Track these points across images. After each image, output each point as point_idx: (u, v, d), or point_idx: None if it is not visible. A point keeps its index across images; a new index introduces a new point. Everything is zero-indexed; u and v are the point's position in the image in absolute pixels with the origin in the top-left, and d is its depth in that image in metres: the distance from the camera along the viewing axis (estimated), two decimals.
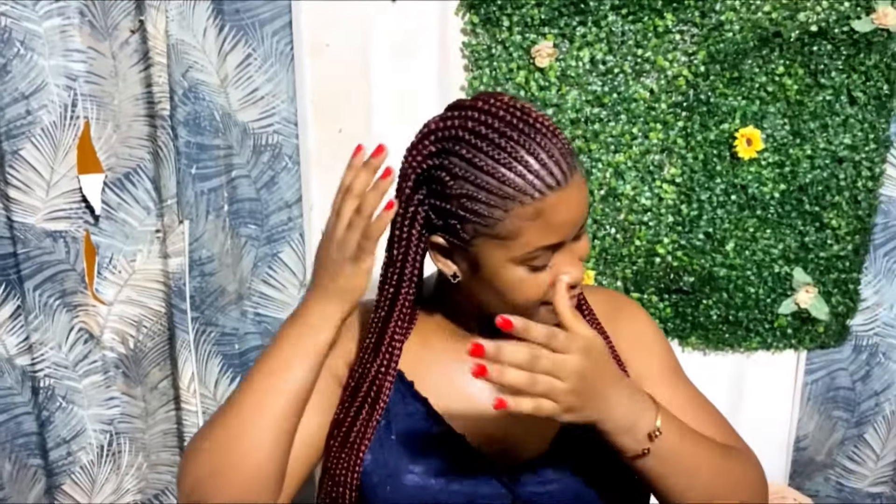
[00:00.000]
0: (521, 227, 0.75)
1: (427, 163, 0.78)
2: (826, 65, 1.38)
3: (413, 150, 0.80)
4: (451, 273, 0.82)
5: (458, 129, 0.77)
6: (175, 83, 1.30)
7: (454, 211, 0.76)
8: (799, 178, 1.42)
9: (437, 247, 0.81)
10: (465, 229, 0.77)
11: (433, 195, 0.78)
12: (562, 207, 0.75)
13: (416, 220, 0.80)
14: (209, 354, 1.44)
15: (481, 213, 0.75)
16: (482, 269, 0.79)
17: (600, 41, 1.35)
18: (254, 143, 1.38)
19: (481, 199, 0.75)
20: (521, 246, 0.76)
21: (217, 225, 1.38)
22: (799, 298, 1.48)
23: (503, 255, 0.77)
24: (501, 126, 0.75)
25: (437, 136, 0.78)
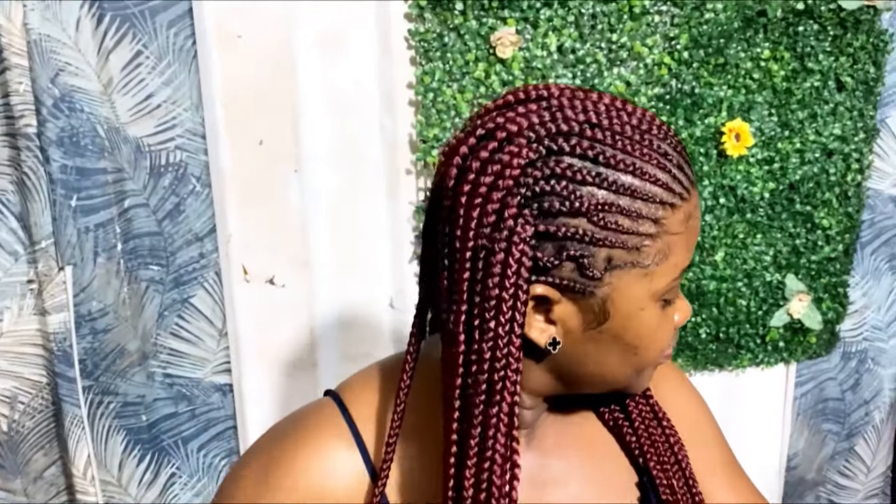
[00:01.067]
0: (671, 242, 0.53)
1: (531, 173, 0.51)
2: (813, 47, 1.23)
3: (493, 164, 0.52)
4: (549, 340, 0.55)
5: (562, 122, 0.52)
6: (41, 91, 1.02)
7: (584, 234, 0.51)
8: (789, 175, 1.27)
9: (536, 301, 0.54)
10: (595, 261, 0.52)
11: (545, 219, 0.51)
12: (698, 213, 0.55)
13: (521, 266, 0.51)
14: (109, 430, 1.16)
15: (625, 229, 0.51)
16: (612, 319, 0.54)
17: (569, 25, 1.15)
18: (151, 164, 1.10)
19: (625, 209, 0.51)
20: (670, 270, 0.54)
21: (109, 269, 1.10)
22: (792, 308, 1.33)
23: (646, 291, 0.54)
24: (617, 112, 0.53)
25: (531, 136, 0.52)
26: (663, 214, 0.52)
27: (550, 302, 0.53)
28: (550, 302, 0.53)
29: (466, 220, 0.52)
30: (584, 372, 0.57)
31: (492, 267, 0.51)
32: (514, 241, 0.51)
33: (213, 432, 1.22)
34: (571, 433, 0.66)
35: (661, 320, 0.55)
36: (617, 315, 0.54)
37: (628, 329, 0.54)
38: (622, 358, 0.56)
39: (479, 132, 0.53)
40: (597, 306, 0.53)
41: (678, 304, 0.58)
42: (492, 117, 0.54)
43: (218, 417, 1.21)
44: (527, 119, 0.52)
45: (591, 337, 0.55)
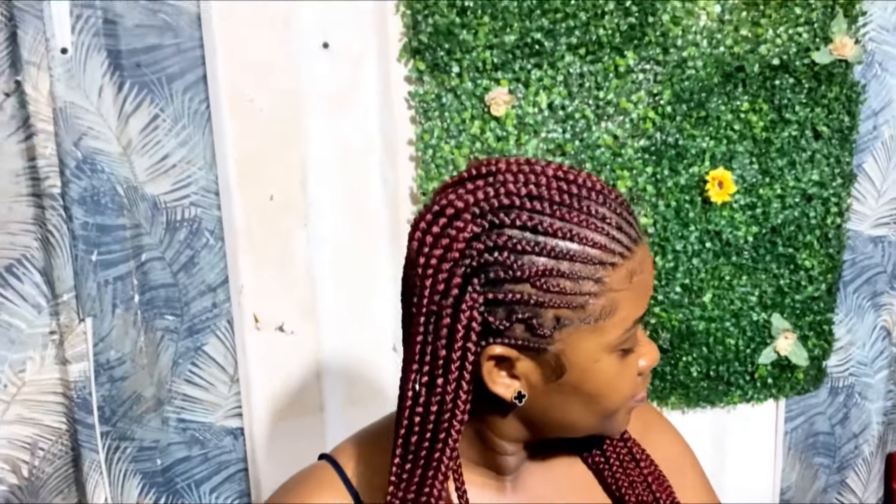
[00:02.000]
0: (616, 298, 0.57)
1: (475, 246, 0.56)
2: (790, 99, 1.31)
3: (442, 238, 0.57)
4: (514, 394, 0.60)
5: (504, 197, 0.57)
6: (66, 154, 1.08)
7: (528, 299, 0.56)
8: (771, 219, 1.34)
9: (496, 360, 0.59)
10: (543, 322, 0.57)
11: (492, 287, 0.56)
12: (647, 263, 0.60)
13: (471, 331, 0.57)
14: (125, 474, 1.20)
15: (568, 290, 0.56)
16: (569, 372, 0.59)
17: (558, 84, 1.22)
18: (167, 219, 1.16)
19: (565, 273, 0.56)
20: (619, 324, 0.58)
21: (127, 320, 1.16)
22: (779, 346, 1.39)
23: (597, 344, 0.58)
24: (556, 183, 0.58)
25: (475, 211, 0.57)
26: (604, 274, 0.56)
27: (510, 360, 0.59)
28: (510, 360, 0.59)
29: (421, 289, 0.58)
30: (553, 420, 0.62)
31: (440, 330, 0.57)
32: (461, 309, 0.56)
33: (224, 475, 1.26)
34: (556, 478, 0.70)
35: (620, 369, 0.60)
36: (573, 369, 0.58)
37: (586, 380, 0.59)
38: (585, 407, 0.61)
39: (434, 209, 0.59)
40: (553, 361, 0.58)
41: (642, 350, 0.62)
42: (445, 194, 0.59)
43: (229, 460, 1.26)
44: (473, 195, 0.58)
45: (553, 389, 0.60)
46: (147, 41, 1.11)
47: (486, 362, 0.59)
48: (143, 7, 1.09)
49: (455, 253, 0.56)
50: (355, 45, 1.17)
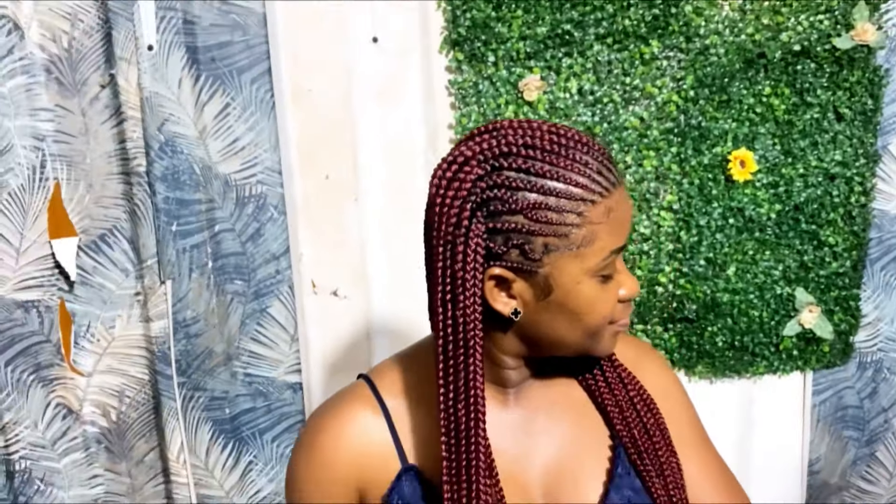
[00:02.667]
0: (595, 230, 0.69)
1: (480, 185, 0.69)
2: (811, 83, 1.38)
3: (454, 181, 0.70)
4: (512, 310, 0.72)
5: (504, 146, 0.69)
6: (150, 137, 1.24)
7: (521, 226, 0.68)
8: (794, 198, 1.41)
9: (497, 281, 0.71)
10: (533, 246, 0.69)
11: (492, 218, 0.69)
12: (623, 205, 0.71)
13: (477, 254, 0.69)
14: (198, 421, 1.35)
15: (553, 220, 0.68)
16: (555, 292, 0.71)
17: (587, 71, 1.33)
18: (237, 195, 1.32)
19: (552, 206, 0.68)
20: (597, 252, 0.70)
21: (201, 283, 1.31)
22: (803, 319, 1.45)
23: (579, 268, 0.70)
24: (548, 136, 0.70)
25: (480, 158, 0.70)
26: (584, 209, 0.68)
27: (508, 281, 0.71)
28: (508, 281, 0.71)
29: (438, 225, 0.70)
30: (544, 335, 0.74)
31: (456, 255, 0.69)
32: (469, 236, 0.69)
33: (284, 425, 1.41)
34: (554, 395, 0.82)
35: (599, 292, 0.72)
36: (558, 289, 0.71)
37: (570, 300, 0.71)
38: (570, 323, 0.73)
39: (448, 158, 0.72)
40: (542, 282, 0.71)
41: (623, 281, 0.74)
42: (457, 146, 0.72)
43: (289, 412, 1.40)
44: (479, 146, 0.70)
45: (543, 307, 0.72)
46: (220, 38, 1.27)
47: (488, 282, 0.71)
48: (216, 8, 1.25)
49: (463, 192, 0.69)
50: (401, 39, 1.30)
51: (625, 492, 0.77)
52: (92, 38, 1.23)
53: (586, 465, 0.79)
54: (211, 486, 1.37)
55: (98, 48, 1.23)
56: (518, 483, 0.78)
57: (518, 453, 0.79)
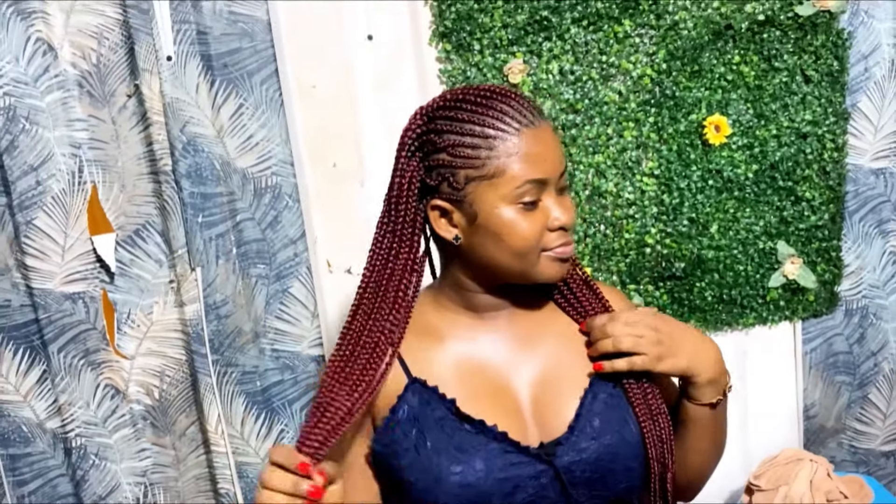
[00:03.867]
0: (505, 162, 0.84)
1: (417, 132, 0.88)
2: (778, 49, 1.48)
3: (405, 131, 0.89)
4: (454, 236, 0.88)
5: (440, 101, 0.88)
6: (174, 139, 1.38)
7: (446, 161, 0.84)
8: (769, 157, 1.51)
9: (437, 210, 0.88)
10: (457, 178, 0.85)
11: (425, 157, 0.87)
12: (538, 143, 0.85)
13: (412, 184, 0.87)
14: (233, 395, 1.49)
15: (469, 155, 0.83)
16: (479, 217, 0.85)
17: (566, 53, 1.44)
18: (254, 187, 1.45)
19: (467, 144, 0.84)
20: (509, 181, 0.84)
21: (227, 268, 1.45)
22: (786, 270, 1.55)
23: (495, 196, 0.84)
24: (476, 90, 0.87)
25: (422, 112, 0.89)
26: (494, 144, 0.83)
27: (448, 212, 0.88)
28: (448, 212, 0.88)
29: (393, 167, 0.90)
30: (481, 258, 0.89)
31: (401, 189, 0.88)
32: (407, 170, 0.88)
33: (311, 395, 1.54)
34: (537, 322, 0.96)
35: (519, 218, 0.85)
36: (481, 213, 0.85)
37: (490, 223, 0.86)
38: (496, 245, 0.86)
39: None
40: (468, 209, 0.86)
41: (549, 210, 0.87)
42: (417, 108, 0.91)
43: (315, 383, 1.53)
44: (428, 105, 0.89)
45: (474, 231, 0.87)
46: (231, 46, 1.40)
47: (432, 212, 0.88)
48: (225, 19, 1.39)
49: (407, 139, 0.89)
50: (393, 35, 1.43)
51: (600, 395, 0.89)
52: (117, 53, 1.37)
53: (567, 377, 0.92)
54: (248, 454, 1.51)
55: (123, 62, 1.37)
56: (504, 391, 0.91)
57: (500, 368, 0.92)
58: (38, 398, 1.44)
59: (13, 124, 1.34)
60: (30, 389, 1.44)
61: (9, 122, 1.34)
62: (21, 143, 1.35)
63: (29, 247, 1.38)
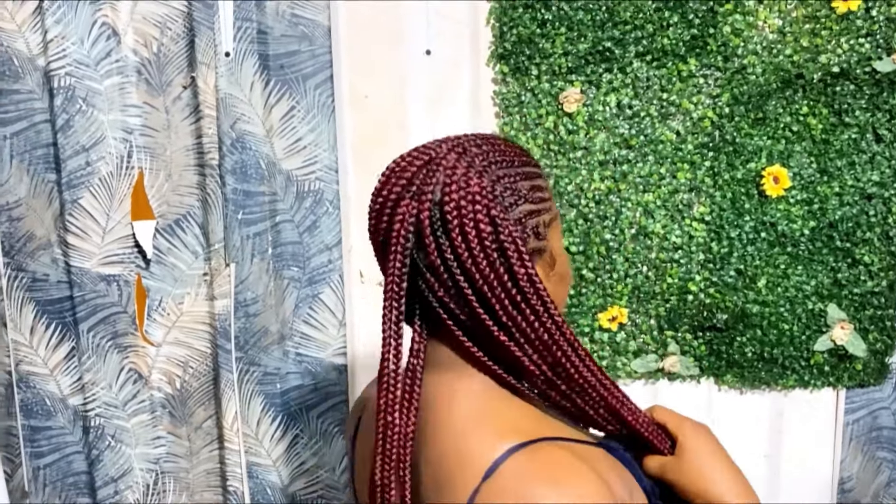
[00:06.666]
0: (551, 203, 0.79)
1: (489, 191, 0.71)
2: (850, 104, 1.42)
3: (469, 195, 0.70)
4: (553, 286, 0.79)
5: (485, 155, 0.74)
6: (224, 134, 1.39)
7: (532, 211, 0.74)
8: (828, 215, 1.44)
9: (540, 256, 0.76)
10: (539, 225, 0.75)
11: (510, 211, 0.72)
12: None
13: (524, 247, 0.72)
14: (252, 394, 1.48)
15: (544, 198, 0.76)
16: (557, 262, 0.78)
17: (626, 87, 1.40)
18: (297, 190, 1.45)
19: (539, 186, 0.76)
20: (558, 220, 0.79)
21: (261, 267, 1.45)
22: (834, 335, 1.48)
23: (559, 234, 0.79)
24: (488, 139, 0.77)
25: (474, 170, 0.72)
26: (545, 185, 0.77)
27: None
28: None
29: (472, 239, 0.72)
30: (558, 300, 0.79)
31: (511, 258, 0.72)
32: (512, 235, 0.72)
33: (329, 403, 1.52)
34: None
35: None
36: (557, 258, 0.78)
37: (562, 266, 0.79)
38: (563, 290, 0.81)
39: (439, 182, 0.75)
40: (549, 257, 0.77)
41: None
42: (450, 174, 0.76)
43: (334, 392, 1.52)
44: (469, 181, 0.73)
45: (554, 280, 0.78)
46: (289, 48, 1.40)
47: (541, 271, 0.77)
48: (287, 21, 1.39)
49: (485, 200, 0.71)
50: (452, 52, 1.41)
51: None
52: (178, 44, 1.38)
53: None
54: (259, 455, 1.50)
55: (182, 53, 1.39)
56: None
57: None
58: (64, 374, 1.46)
59: (71, 104, 1.37)
60: (57, 364, 1.46)
61: (67, 101, 1.36)
62: (76, 123, 1.38)
63: (72, 225, 1.40)
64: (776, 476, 1.57)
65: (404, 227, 0.71)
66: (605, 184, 1.43)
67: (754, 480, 1.57)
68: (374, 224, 0.77)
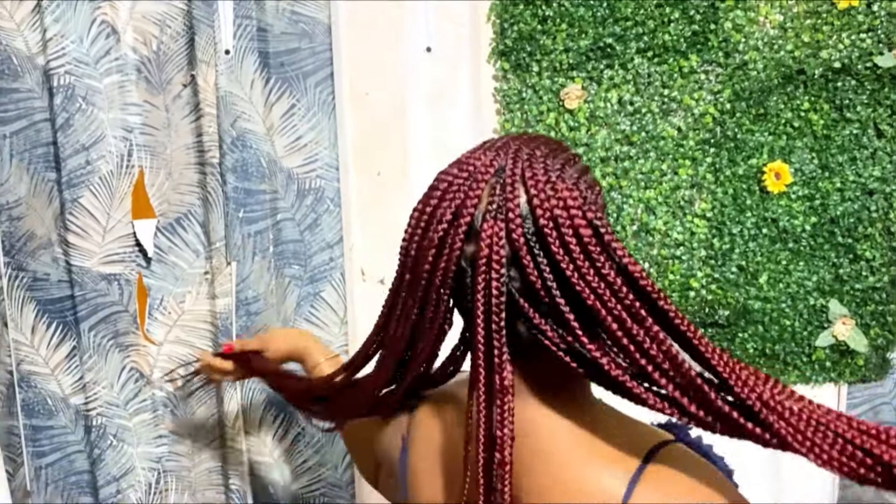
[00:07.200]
0: None
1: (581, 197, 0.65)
2: (851, 100, 1.41)
3: (568, 201, 0.64)
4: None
5: (537, 158, 0.68)
6: (224, 132, 1.38)
7: (602, 215, 0.67)
8: (830, 211, 1.44)
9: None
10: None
11: (600, 208, 0.68)
12: None
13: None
14: (254, 392, 1.48)
15: (600, 190, 0.71)
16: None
17: (627, 83, 1.40)
18: (298, 188, 1.44)
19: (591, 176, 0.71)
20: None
21: (263, 266, 1.44)
22: (836, 330, 1.48)
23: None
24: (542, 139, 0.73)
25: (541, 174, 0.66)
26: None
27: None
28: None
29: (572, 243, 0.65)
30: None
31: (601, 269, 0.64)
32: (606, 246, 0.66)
33: None
34: None
35: None
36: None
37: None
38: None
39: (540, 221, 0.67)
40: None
41: None
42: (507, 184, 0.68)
43: None
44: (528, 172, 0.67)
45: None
46: (289, 45, 1.40)
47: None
48: (287, 18, 1.39)
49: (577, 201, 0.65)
50: (452, 49, 1.41)
51: None
52: (177, 42, 1.38)
53: None
54: (262, 453, 1.50)
55: (182, 51, 1.38)
56: None
57: None
58: (66, 373, 1.46)
59: (70, 103, 1.36)
60: (58, 364, 1.45)
61: (66, 100, 1.36)
62: (76, 122, 1.37)
63: (72, 224, 1.39)
64: (777, 474, 1.57)
65: (495, 251, 0.63)
66: (606, 180, 1.43)
67: (756, 479, 1.58)
68: (435, 253, 0.67)
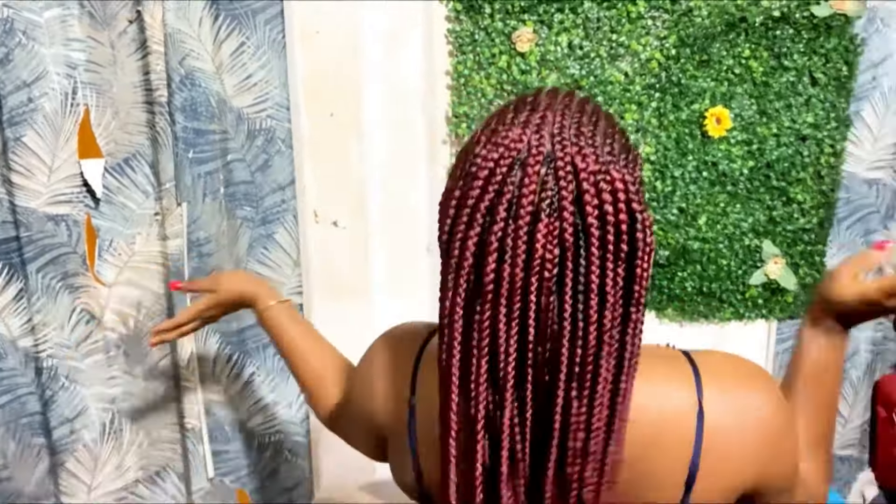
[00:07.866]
0: None
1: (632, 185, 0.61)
2: (789, 48, 1.47)
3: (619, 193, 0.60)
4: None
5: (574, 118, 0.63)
6: (172, 71, 1.36)
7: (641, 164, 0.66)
8: (766, 155, 1.51)
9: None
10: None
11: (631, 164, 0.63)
12: None
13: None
14: (207, 333, 1.49)
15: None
16: None
17: (577, 27, 1.43)
18: (248, 128, 1.44)
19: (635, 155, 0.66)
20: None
21: (214, 207, 1.44)
22: (768, 269, 1.56)
23: None
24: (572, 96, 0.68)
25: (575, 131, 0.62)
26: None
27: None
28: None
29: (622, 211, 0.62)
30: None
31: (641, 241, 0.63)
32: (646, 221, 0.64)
33: None
34: None
35: None
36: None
37: None
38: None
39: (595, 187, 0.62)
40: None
41: None
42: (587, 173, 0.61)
43: None
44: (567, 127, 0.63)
45: None
46: None
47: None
48: None
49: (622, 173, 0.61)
50: None
51: None
52: None
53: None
54: (216, 393, 1.52)
55: None
56: None
57: None
58: (14, 315, 1.44)
59: (9, 37, 1.32)
60: (5, 306, 1.43)
61: (4, 34, 1.31)
62: (16, 57, 1.33)
63: (15, 163, 1.36)
64: None
65: (548, 250, 0.59)
66: None
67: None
68: (497, 258, 0.60)
